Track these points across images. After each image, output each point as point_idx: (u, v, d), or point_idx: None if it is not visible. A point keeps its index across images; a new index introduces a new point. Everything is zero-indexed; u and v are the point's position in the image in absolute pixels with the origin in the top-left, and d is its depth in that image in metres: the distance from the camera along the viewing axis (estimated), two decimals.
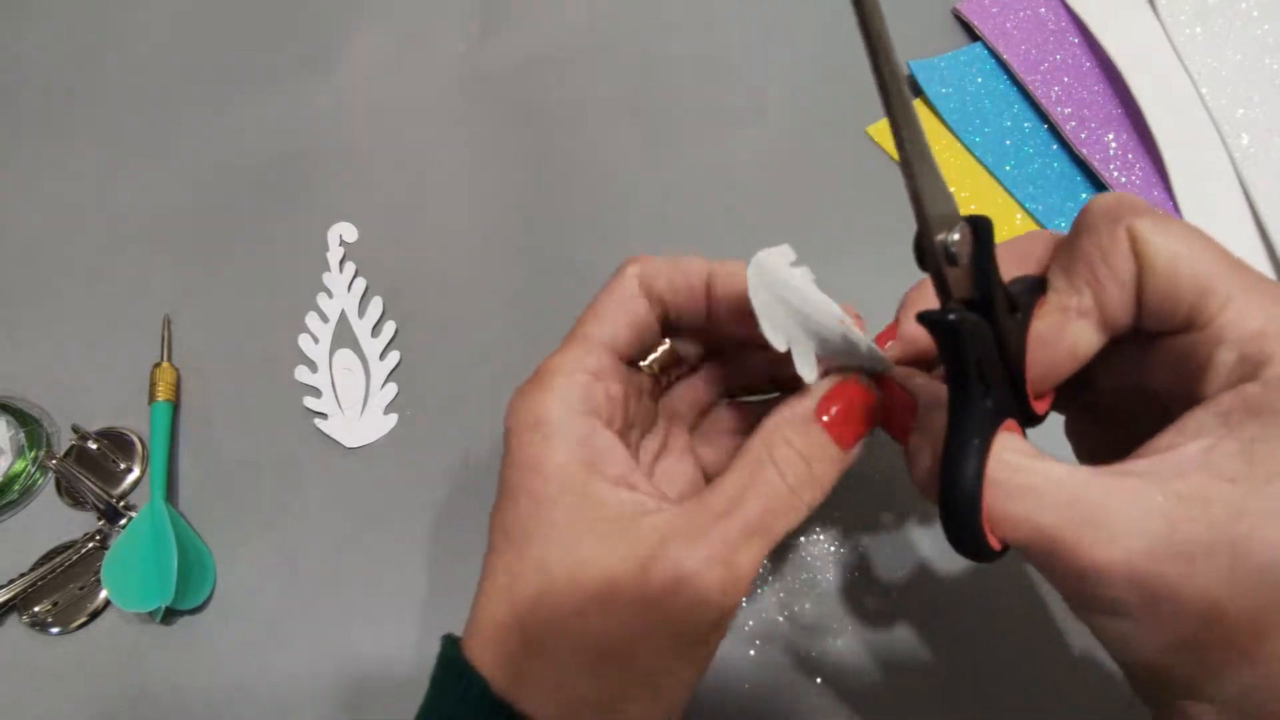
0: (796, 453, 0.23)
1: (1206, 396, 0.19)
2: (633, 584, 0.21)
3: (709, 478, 0.28)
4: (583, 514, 0.22)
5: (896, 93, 0.17)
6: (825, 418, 0.23)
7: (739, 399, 0.30)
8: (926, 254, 0.19)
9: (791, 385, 0.24)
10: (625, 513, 0.22)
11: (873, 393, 0.24)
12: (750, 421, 0.28)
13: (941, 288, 0.20)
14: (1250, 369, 0.18)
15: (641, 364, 0.27)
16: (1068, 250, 0.22)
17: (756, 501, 0.22)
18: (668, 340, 0.27)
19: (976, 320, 0.20)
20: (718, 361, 0.29)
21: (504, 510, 0.23)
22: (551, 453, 0.23)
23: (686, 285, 0.25)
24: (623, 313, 0.25)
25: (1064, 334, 0.21)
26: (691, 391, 0.29)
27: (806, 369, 0.23)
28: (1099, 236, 0.21)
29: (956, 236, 0.19)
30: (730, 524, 0.22)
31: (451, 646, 0.23)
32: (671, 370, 0.28)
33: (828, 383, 0.24)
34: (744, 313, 0.24)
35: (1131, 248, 0.20)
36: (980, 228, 0.19)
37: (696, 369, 0.29)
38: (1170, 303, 0.20)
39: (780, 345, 0.23)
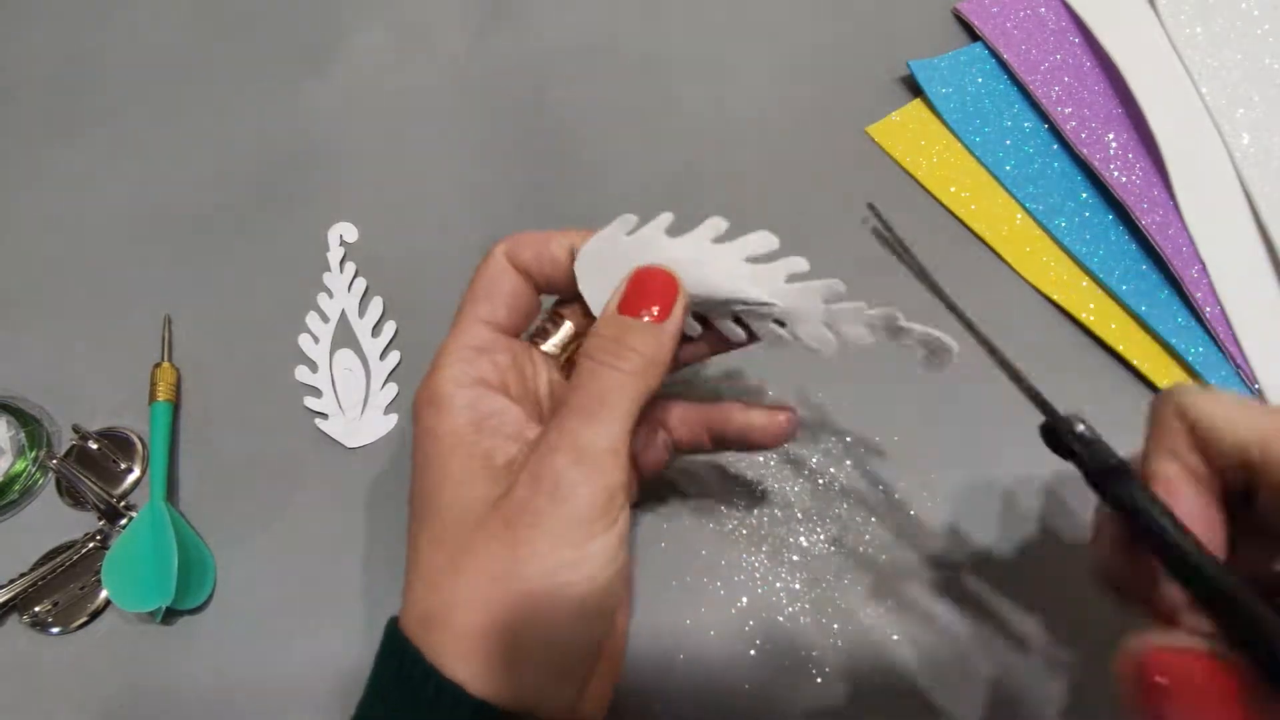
0: (604, 337, 0.25)
1: None
2: (501, 503, 0.23)
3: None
4: (473, 464, 0.24)
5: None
6: (638, 308, 0.26)
7: None
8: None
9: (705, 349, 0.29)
10: (511, 457, 0.25)
11: (672, 275, 0.26)
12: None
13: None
14: None
15: (544, 347, 0.29)
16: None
17: (580, 390, 0.24)
18: (567, 321, 0.29)
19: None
20: None
21: (413, 482, 0.26)
22: (444, 419, 0.25)
23: (551, 257, 0.28)
24: (494, 288, 0.28)
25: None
26: None
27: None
28: (1156, 414, 0.24)
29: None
30: (563, 416, 0.24)
31: (393, 626, 0.25)
32: (572, 346, 0.30)
33: (625, 279, 0.27)
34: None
35: (1178, 413, 0.22)
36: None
37: None
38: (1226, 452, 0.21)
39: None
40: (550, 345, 0.29)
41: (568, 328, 0.29)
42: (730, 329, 0.28)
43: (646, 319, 0.25)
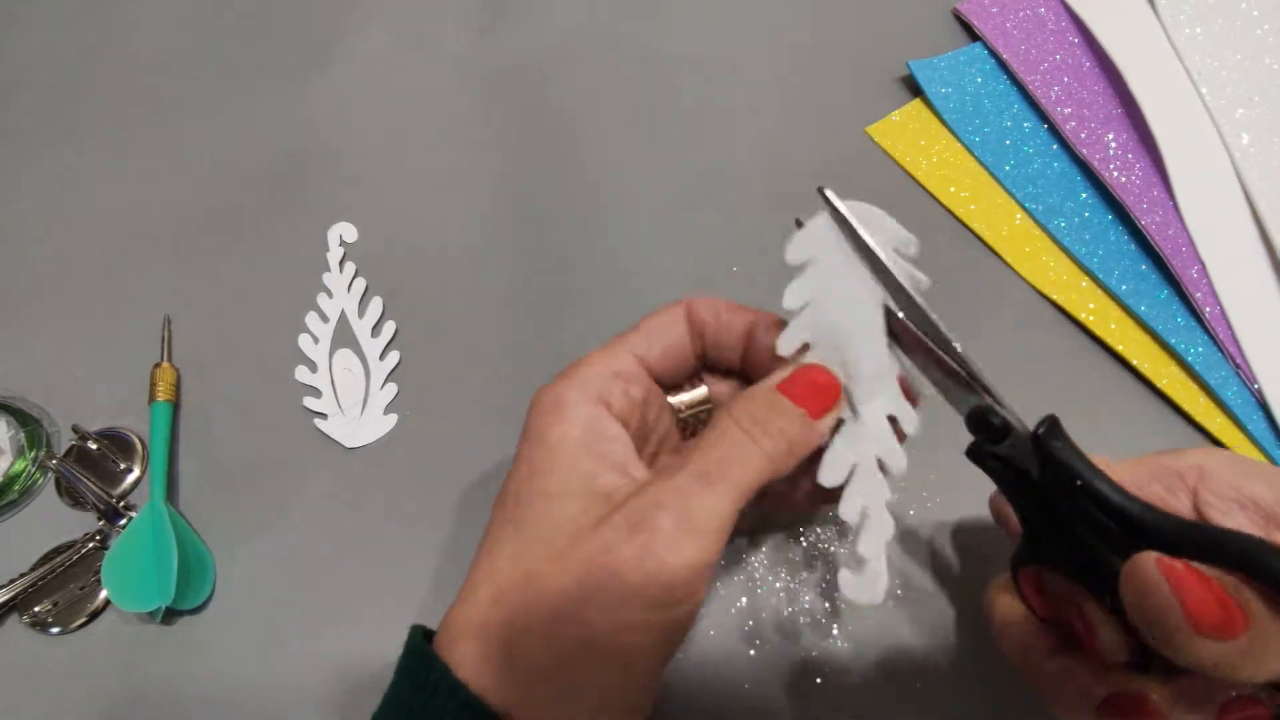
0: (755, 405, 0.24)
1: None
2: (587, 539, 0.22)
3: None
4: (570, 482, 0.24)
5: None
6: (794, 390, 0.25)
7: None
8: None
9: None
10: (611, 488, 0.24)
11: (836, 379, 0.25)
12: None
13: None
14: None
15: (672, 399, 0.29)
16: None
17: (712, 452, 0.23)
18: (703, 386, 0.29)
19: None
20: None
21: (508, 478, 0.25)
22: (557, 426, 0.24)
23: (728, 323, 0.27)
24: (661, 331, 0.27)
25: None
26: None
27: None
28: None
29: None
30: (685, 473, 0.23)
31: (421, 636, 0.25)
32: (699, 409, 0.29)
33: (792, 365, 0.25)
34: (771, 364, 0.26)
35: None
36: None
37: None
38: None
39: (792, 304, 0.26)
40: (679, 399, 0.29)
41: (701, 391, 0.29)
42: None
43: (800, 409, 0.24)
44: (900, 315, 0.25)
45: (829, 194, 0.26)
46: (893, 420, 0.26)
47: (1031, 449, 0.23)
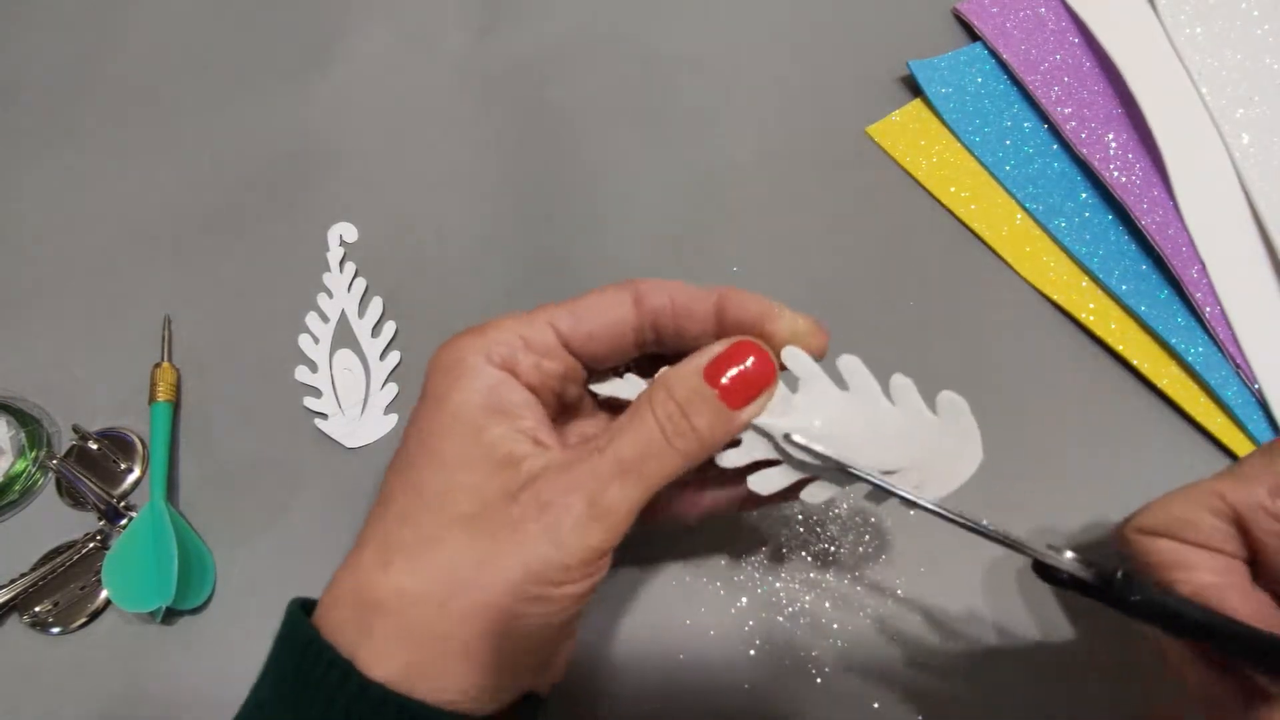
0: (674, 399, 0.23)
1: None
2: (495, 512, 0.22)
3: None
4: (468, 449, 0.23)
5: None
6: (721, 379, 0.23)
7: None
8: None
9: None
10: (515, 455, 0.23)
11: (773, 364, 0.24)
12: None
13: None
14: None
15: (594, 387, 0.27)
16: None
17: (627, 442, 0.23)
18: (636, 382, 0.27)
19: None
20: None
21: (404, 439, 0.24)
22: (455, 392, 0.23)
23: (687, 305, 0.25)
24: (596, 311, 0.25)
25: None
26: None
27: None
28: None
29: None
30: (600, 460, 0.22)
31: (299, 609, 0.24)
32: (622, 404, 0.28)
33: (724, 342, 0.24)
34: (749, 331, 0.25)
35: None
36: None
37: None
38: None
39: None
40: (600, 389, 0.27)
41: (627, 390, 0.27)
42: (813, 492, 0.26)
43: (720, 397, 0.23)
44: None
45: (797, 438, 0.25)
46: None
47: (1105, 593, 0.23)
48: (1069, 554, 0.23)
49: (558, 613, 0.22)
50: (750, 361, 0.24)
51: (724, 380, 0.23)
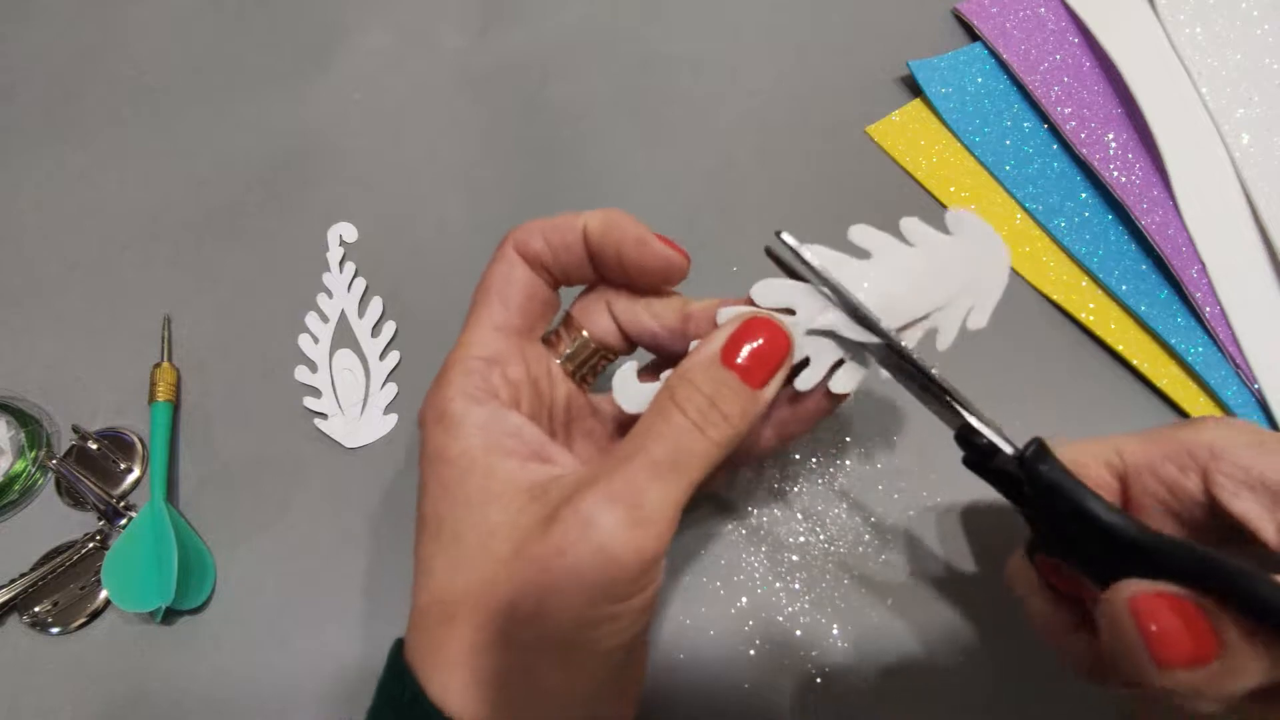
0: (700, 392, 0.23)
1: None
2: (538, 540, 0.21)
3: None
4: (491, 488, 0.23)
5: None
6: (738, 360, 0.23)
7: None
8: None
9: None
10: (537, 481, 0.23)
11: (785, 332, 0.24)
12: None
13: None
14: None
15: (556, 360, 0.27)
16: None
17: (658, 441, 0.22)
18: (585, 333, 0.27)
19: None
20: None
21: (421, 504, 0.24)
22: (454, 441, 0.23)
23: (563, 242, 0.26)
24: (505, 287, 0.26)
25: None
26: None
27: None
28: None
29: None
30: (634, 465, 0.22)
31: (396, 650, 0.24)
32: (591, 360, 0.28)
33: (735, 321, 0.24)
34: (624, 257, 0.26)
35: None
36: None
37: (623, 353, 0.29)
38: None
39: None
40: (562, 358, 0.27)
41: (584, 341, 0.27)
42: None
43: (741, 379, 0.23)
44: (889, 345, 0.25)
45: (786, 237, 0.25)
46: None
47: (1019, 470, 0.24)
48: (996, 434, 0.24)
49: (627, 629, 0.22)
50: (762, 337, 0.24)
51: (740, 361, 0.23)
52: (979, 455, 0.25)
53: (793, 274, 0.26)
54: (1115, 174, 0.40)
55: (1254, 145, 0.40)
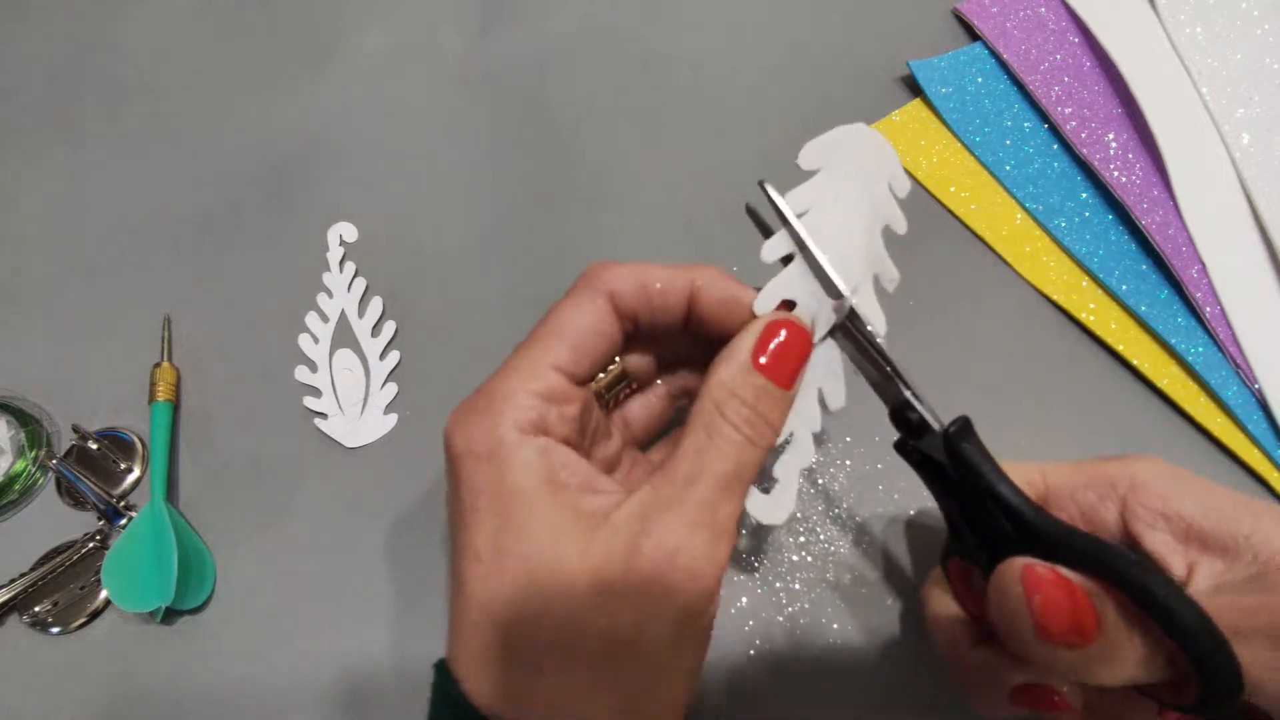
0: (743, 403, 0.23)
1: None
2: (624, 571, 0.21)
3: None
4: (559, 520, 0.22)
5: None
6: (762, 359, 0.24)
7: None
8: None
9: None
10: (599, 510, 0.23)
11: (801, 326, 0.25)
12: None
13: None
14: None
15: (592, 385, 0.27)
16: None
17: (720, 459, 0.23)
18: (618, 359, 0.27)
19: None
20: (676, 375, 0.29)
21: (469, 535, 0.23)
22: (509, 474, 0.22)
23: (664, 303, 0.25)
24: (578, 330, 0.25)
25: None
26: (645, 409, 0.29)
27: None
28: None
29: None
30: (702, 486, 0.22)
31: (446, 678, 0.23)
32: (619, 388, 0.28)
33: (757, 327, 0.24)
34: (730, 316, 0.25)
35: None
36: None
37: (645, 386, 0.29)
38: None
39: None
40: (599, 384, 0.27)
41: (616, 368, 0.27)
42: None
43: (779, 388, 0.24)
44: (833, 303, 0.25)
45: (769, 189, 0.25)
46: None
47: (943, 447, 0.24)
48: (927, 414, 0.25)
49: (705, 643, 0.23)
50: (784, 334, 0.24)
51: (764, 360, 0.24)
52: (910, 432, 0.25)
53: (766, 230, 0.27)
54: (1115, 174, 0.40)
55: (1254, 145, 0.40)
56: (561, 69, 0.48)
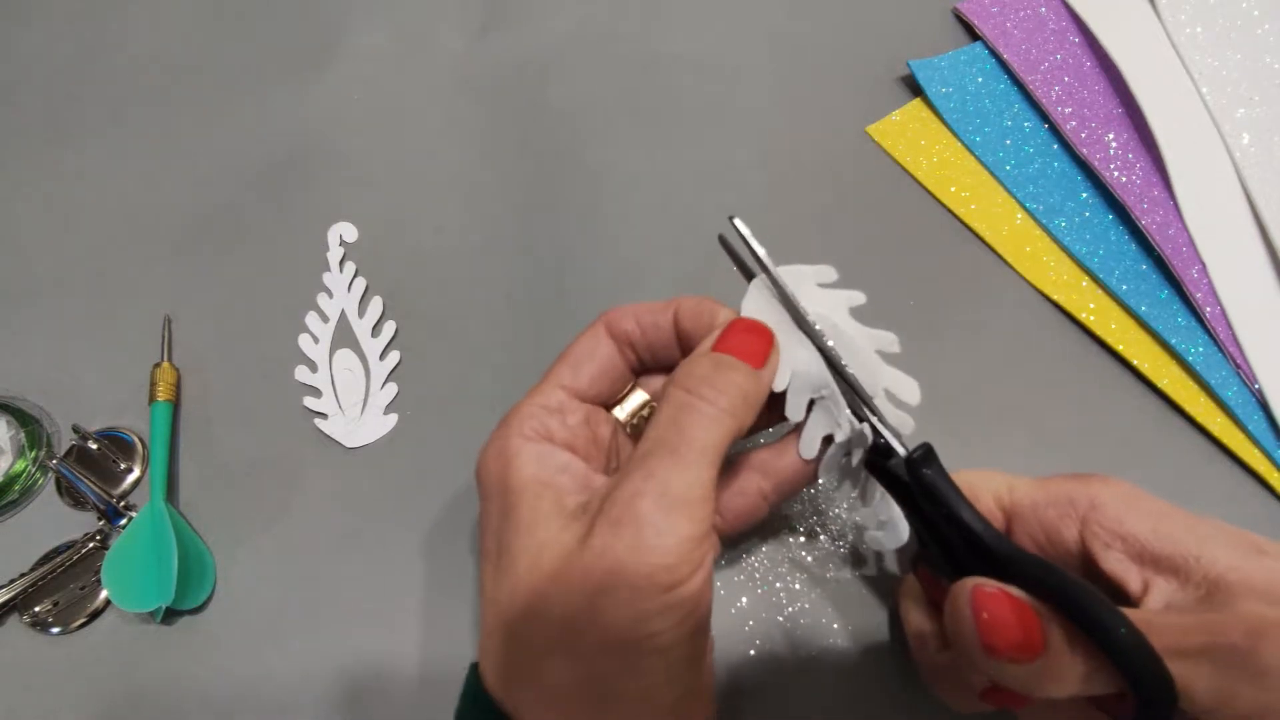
0: (696, 373, 0.24)
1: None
2: (579, 549, 0.22)
3: None
4: (541, 505, 0.24)
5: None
6: (729, 345, 0.25)
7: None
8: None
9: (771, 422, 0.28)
10: (580, 505, 0.24)
11: (763, 326, 0.26)
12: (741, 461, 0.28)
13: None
14: None
15: (616, 412, 0.29)
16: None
17: (669, 426, 0.23)
18: (641, 391, 0.29)
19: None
20: None
21: (483, 536, 0.26)
22: (514, 472, 0.25)
23: (654, 324, 0.28)
24: (585, 357, 0.28)
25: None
26: None
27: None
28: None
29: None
30: (651, 458, 0.23)
31: (473, 673, 0.25)
32: (641, 412, 0.30)
33: (720, 327, 0.26)
34: (699, 325, 0.27)
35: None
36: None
37: None
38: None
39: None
40: (621, 411, 0.29)
41: (639, 396, 0.29)
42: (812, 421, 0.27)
43: (745, 361, 0.25)
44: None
45: (738, 223, 0.27)
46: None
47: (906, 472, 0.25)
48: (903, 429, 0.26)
49: (684, 620, 0.22)
50: (748, 327, 0.25)
51: (733, 347, 0.25)
52: (877, 455, 0.26)
53: (741, 264, 0.28)
54: (1116, 174, 0.40)
55: (1254, 145, 0.40)
56: (561, 69, 0.48)
